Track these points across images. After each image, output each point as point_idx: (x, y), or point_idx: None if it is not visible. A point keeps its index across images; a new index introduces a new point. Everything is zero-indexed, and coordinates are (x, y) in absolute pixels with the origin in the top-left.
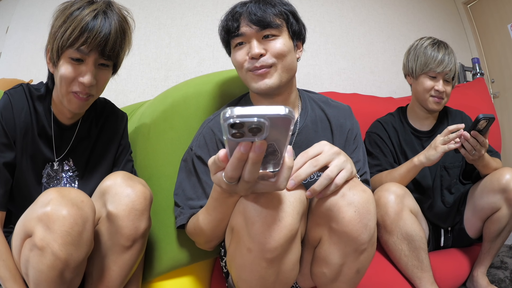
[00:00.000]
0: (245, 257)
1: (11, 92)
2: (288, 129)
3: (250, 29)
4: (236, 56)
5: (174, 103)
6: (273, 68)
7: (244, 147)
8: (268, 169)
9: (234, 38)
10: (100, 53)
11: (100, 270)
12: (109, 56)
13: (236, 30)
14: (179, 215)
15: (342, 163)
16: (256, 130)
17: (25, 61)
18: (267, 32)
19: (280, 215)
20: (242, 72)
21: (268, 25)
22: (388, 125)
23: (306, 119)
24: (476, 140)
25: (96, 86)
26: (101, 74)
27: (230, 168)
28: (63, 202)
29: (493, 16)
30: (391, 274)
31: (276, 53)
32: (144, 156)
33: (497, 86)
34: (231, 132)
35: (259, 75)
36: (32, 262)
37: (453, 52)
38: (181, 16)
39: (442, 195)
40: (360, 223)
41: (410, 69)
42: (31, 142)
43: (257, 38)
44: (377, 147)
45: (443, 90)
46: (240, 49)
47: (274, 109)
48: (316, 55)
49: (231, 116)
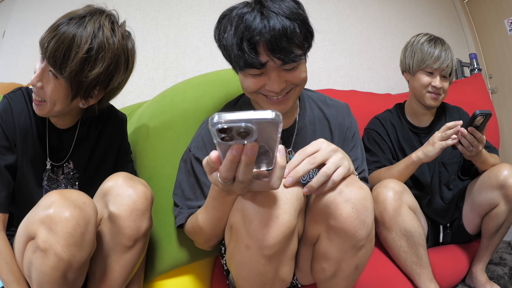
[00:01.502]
0: (244, 254)
1: (11, 95)
2: (277, 131)
3: (274, 63)
4: (249, 83)
5: (172, 103)
6: (291, 92)
7: (236, 150)
8: (261, 168)
9: (251, 69)
10: (48, 62)
11: (102, 270)
12: (54, 65)
13: (258, 65)
14: (178, 215)
15: (339, 160)
16: (245, 134)
17: (22, 65)
18: (288, 66)
19: (277, 212)
20: (254, 94)
21: (292, 60)
22: (386, 121)
23: (304, 119)
24: (473, 136)
25: (45, 92)
26: (49, 82)
27: (224, 170)
28: (65, 204)
29: (490, 12)
30: (390, 271)
31: (296, 82)
32: (144, 156)
33: (495, 81)
34: (220, 136)
35: (275, 102)
36: (35, 264)
37: (450, 48)
38: (178, 16)
39: (440, 191)
40: (358, 220)
41: (407, 65)
42: (31, 145)
43: (277, 72)
44: (375, 143)
45: (440, 86)
46: (255, 77)
47: (261, 113)
48: (313, 53)
49: (218, 121)
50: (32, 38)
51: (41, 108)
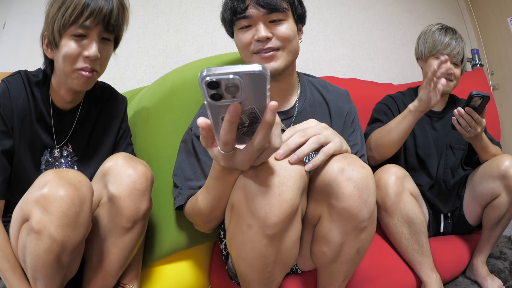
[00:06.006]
0: (245, 234)
1: (9, 79)
2: (265, 89)
3: (258, 12)
4: (241, 38)
5: (173, 85)
6: (279, 51)
7: (233, 110)
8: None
9: (239, 20)
10: (104, 27)
11: (99, 253)
12: (113, 29)
13: (243, 11)
14: (178, 196)
15: (330, 135)
16: (234, 89)
17: (22, 56)
18: (274, 16)
19: (281, 189)
20: (247, 54)
21: (276, 9)
22: (399, 100)
23: (304, 102)
24: (471, 117)
25: (99, 61)
26: (104, 49)
27: (223, 132)
28: (60, 183)
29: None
30: (392, 259)
31: (282, 37)
32: (144, 139)
33: (496, 78)
34: (209, 93)
35: (265, 58)
36: (29, 247)
37: (462, 38)
38: (179, 3)
39: (445, 174)
40: (360, 199)
41: (420, 52)
42: (29, 128)
43: (263, 22)
44: (384, 115)
45: (451, 72)
46: (245, 31)
47: (248, 66)
48: (315, 42)
49: (207, 74)
50: (32, 29)
51: (92, 80)
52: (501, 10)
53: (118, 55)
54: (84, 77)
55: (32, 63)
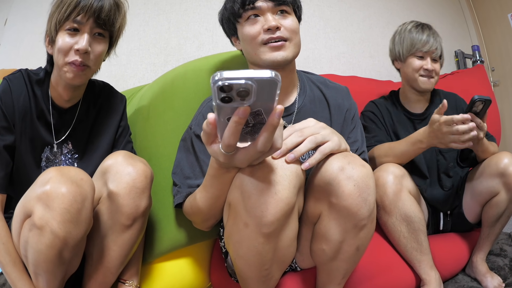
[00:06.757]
0: (242, 232)
1: (10, 77)
2: (276, 92)
3: (266, 4)
4: (249, 30)
5: (173, 84)
6: (288, 41)
7: (242, 112)
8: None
9: (248, 11)
10: (95, 21)
11: (100, 250)
12: (104, 24)
13: (252, 3)
14: (176, 194)
15: (327, 135)
16: (244, 93)
17: (24, 52)
18: (282, 7)
19: (277, 188)
20: (255, 45)
21: (283, 1)
22: (382, 106)
23: (304, 99)
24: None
25: (91, 56)
26: (96, 44)
27: (227, 134)
28: (62, 180)
29: (494, 6)
30: (391, 256)
31: (290, 29)
32: (144, 137)
33: (497, 74)
34: (220, 96)
35: (275, 47)
36: (31, 242)
37: (437, 33)
38: (180, 1)
39: (439, 179)
40: (360, 197)
41: (398, 52)
42: (30, 125)
43: (272, 13)
44: (372, 122)
45: (432, 68)
46: (253, 23)
47: (261, 72)
48: (315, 39)
49: (220, 78)
50: (34, 26)
51: (84, 74)
52: (501, 6)
53: (119, 53)
54: (74, 69)
55: (33, 60)
